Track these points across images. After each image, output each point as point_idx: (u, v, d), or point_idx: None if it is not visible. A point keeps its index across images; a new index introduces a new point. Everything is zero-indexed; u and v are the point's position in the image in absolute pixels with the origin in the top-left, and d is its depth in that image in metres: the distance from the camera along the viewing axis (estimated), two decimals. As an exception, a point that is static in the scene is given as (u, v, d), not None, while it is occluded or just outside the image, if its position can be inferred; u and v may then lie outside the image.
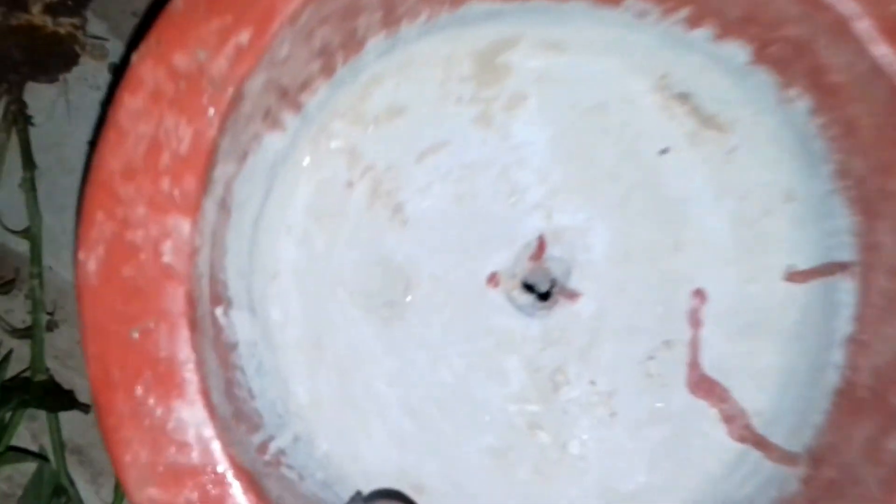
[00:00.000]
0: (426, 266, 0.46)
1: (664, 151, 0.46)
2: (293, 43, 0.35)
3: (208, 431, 0.31)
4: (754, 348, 0.46)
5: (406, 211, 0.46)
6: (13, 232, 0.57)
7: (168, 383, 0.31)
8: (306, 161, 0.45)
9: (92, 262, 0.31)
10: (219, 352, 0.36)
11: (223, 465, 0.31)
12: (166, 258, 0.31)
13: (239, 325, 0.40)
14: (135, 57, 0.32)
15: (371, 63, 0.44)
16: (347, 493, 0.42)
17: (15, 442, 0.57)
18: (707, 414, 0.46)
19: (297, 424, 0.43)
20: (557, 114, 0.47)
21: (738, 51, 0.42)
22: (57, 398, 0.56)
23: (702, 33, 0.42)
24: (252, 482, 0.32)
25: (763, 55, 0.42)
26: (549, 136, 0.47)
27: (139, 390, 0.31)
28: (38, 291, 0.57)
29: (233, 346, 0.39)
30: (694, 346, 0.46)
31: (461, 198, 0.47)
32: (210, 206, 0.34)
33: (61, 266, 0.59)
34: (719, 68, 0.44)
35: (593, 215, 0.47)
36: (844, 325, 0.43)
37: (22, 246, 0.58)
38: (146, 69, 0.31)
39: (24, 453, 0.57)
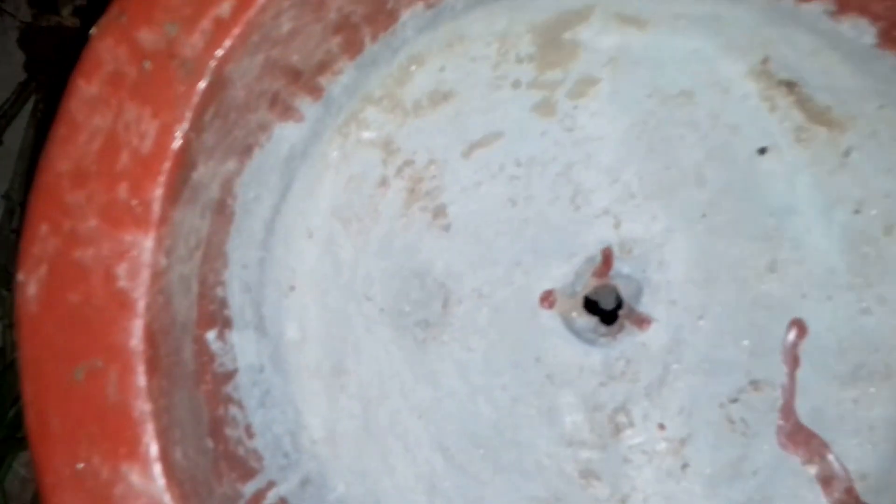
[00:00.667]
0: (469, 280, 0.41)
1: (762, 151, 0.40)
2: (297, 15, 0.29)
3: (163, 499, 0.25)
4: (864, 396, 0.39)
5: (449, 214, 0.41)
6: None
7: (116, 439, 0.25)
8: (333, 155, 0.39)
9: (32, 285, 0.25)
10: (204, 386, 0.31)
11: (183, 543, 0.25)
12: (121, 283, 0.25)
13: (240, 348, 0.35)
14: (93, 32, 0.26)
15: (410, 40, 0.38)
16: (364, 546, 0.37)
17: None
18: (800, 473, 0.39)
19: (308, 464, 0.37)
20: (633, 103, 0.40)
21: (860, 30, 0.35)
22: None
23: (815, 7, 0.35)
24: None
25: (892, 37, 0.35)
26: (623, 130, 0.41)
27: (82, 445, 0.25)
28: None
29: (228, 377, 0.33)
30: (789, 389, 0.40)
31: (514, 201, 0.41)
32: (190, 215, 0.28)
33: None
34: (836, 52, 0.37)
35: (672, 226, 0.41)
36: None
37: None
38: (105, 48, 0.26)
39: None
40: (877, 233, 0.38)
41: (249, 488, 0.32)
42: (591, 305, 0.42)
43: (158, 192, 0.26)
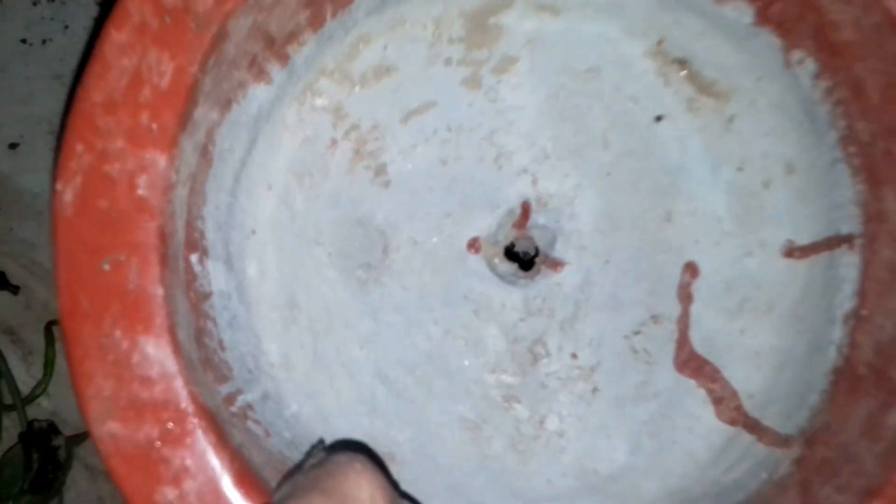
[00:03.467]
0: (406, 229, 0.51)
1: (659, 119, 0.50)
2: (278, -14, 0.39)
3: (172, 368, 0.35)
4: (748, 326, 0.49)
5: (389, 172, 0.50)
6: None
7: (135, 317, 0.35)
8: (291, 117, 0.48)
9: (69, 193, 0.35)
10: (191, 298, 0.40)
11: (185, 403, 0.35)
12: (141, 191, 0.35)
13: (214, 275, 0.44)
14: (122, -9, 0.36)
15: (360, 20, 0.48)
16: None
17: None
18: (695, 394, 0.49)
19: (267, 383, 0.46)
20: (548, 78, 0.51)
21: (739, 12, 0.45)
22: None
23: (702, -6, 0.46)
24: (213, 423, 0.36)
25: (766, 16, 0.45)
26: (539, 101, 0.51)
27: (107, 322, 0.35)
28: None
29: (206, 296, 0.43)
30: (683, 322, 0.50)
31: (445, 161, 0.51)
32: (188, 147, 0.38)
33: None
34: (720, 32, 0.47)
35: (581, 183, 0.51)
36: (846, 301, 0.46)
37: None
38: (133, 4, 0.36)
39: None
40: (757, 187, 0.49)
41: (224, 389, 0.41)
42: (511, 254, 0.52)
43: (172, 120, 0.36)
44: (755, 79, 0.48)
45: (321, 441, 0.45)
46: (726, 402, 0.49)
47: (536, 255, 0.51)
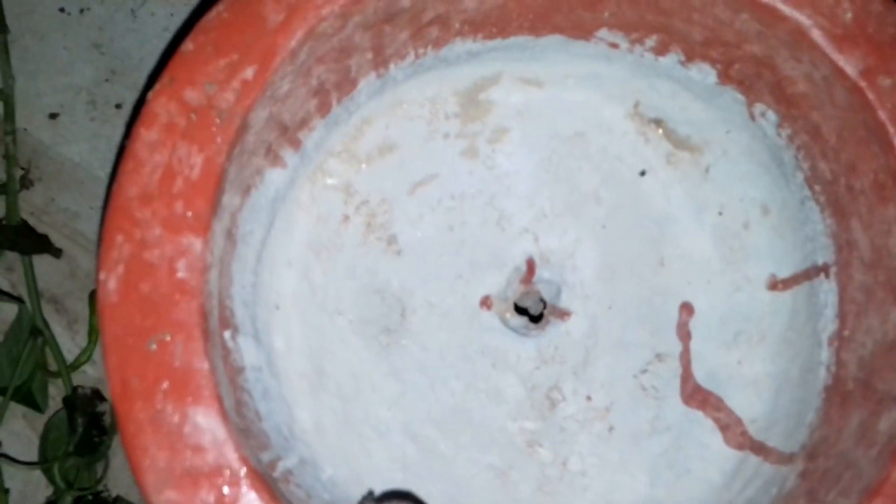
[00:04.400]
0: (421, 292, 0.50)
1: (643, 173, 0.51)
2: (293, 80, 0.39)
3: (222, 434, 0.35)
4: (745, 357, 0.49)
5: (400, 241, 0.50)
6: (-13, 93, 0.63)
7: (184, 390, 0.34)
8: (305, 197, 0.49)
9: (112, 281, 0.35)
10: (228, 372, 0.40)
11: (237, 466, 0.35)
12: (180, 274, 0.35)
13: (245, 350, 0.44)
14: (150, 95, 0.36)
15: (363, 104, 0.49)
16: (355, 514, 0.46)
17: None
18: (704, 424, 0.49)
19: (302, 449, 0.46)
20: (539, 144, 0.51)
21: (704, 73, 0.47)
22: (30, 241, 0.63)
23: (670, 59, 0.47)
24: (265, 485, 0.35)
25: (728, 75, 0.46)
26: (533, 165, 0.51)
27: (157, 398, 0.34)
28: (11, 147, 0.63)
29: (240, 370, 0.42)
30: (685, 358, 0.50)
31: (452, 226, 0.51)
32: (219, 230, 0.38)
33: (35, 128, 0.65)
34: (689, 92, 0.48)
35: (579, 237, 0.51)
36: (829, 324, 0.46)
37: None
38: (160, 105, 0.36)
39: None
40: (738, 228, 0.49)
41: (265, 457, 0.41)
42: (521, 308, 0.53)
43: (205, 207, 0.36)
44: (725, 131, 0.49)
45: (371, 492, 0.44)
46: (732, 429, 0.49)
47: (545, 307, 0.52)
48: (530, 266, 0.51)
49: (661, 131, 0.50)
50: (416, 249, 0.50)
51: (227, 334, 0.41)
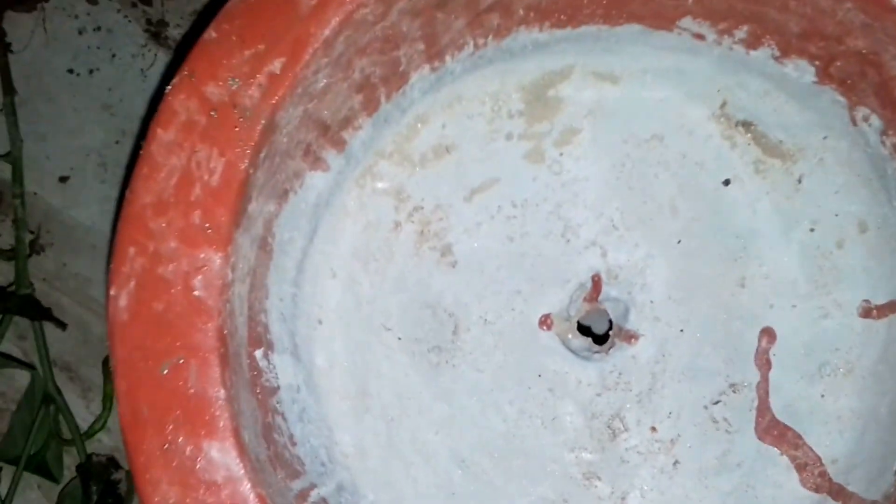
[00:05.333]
0: (476, 309, 0.46)
1: (727, 182, 0.46)
2: (330, 73, 0.35)
3: (238, 471, 0.31)
4: (829, 390, 0.44)
5: (455, 252, 0.46)
6: (-5, 156, 0.63)
7: (197, 421, 0.31)
8: (352, 203, 0.45)
9: (123, 298, 0.31)
10: (257, 394, 0.36)
11: (253, 506, 0.31)
12: (197, 292, 0.32)
13: (281, 369, 0.40)
14: (168, 89, 0.33)
15: (417, 100, 0.45)
16: (394, 547, 0.42)
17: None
18: (778, 462, 0.44)
19: (342, 474, 0.42)
20: (611, 147, 0.47)
21: (801, 71, 0.42)
22: (37, 309, 0.62)
23: (762, 53, 0.42)
24: (284, 526, 0.32)
25: (828, 73, 0.41)
26: (604, 171, 0.47)
27: (169, 428, 0.31)
28: (20, 211, 0.62)
29: (273, 391, 0.39)
30: (763, 388, 0.45)
31: (512, 237, 0.47)
32: (245, 242, 0.34)
33: (46, 192, 0.65)
34: (782, 92, 0.44)
35: (652, 252, 0.46)
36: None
37: (5, 173, 0.63)
38: (178, 101, 0.32)
39: (10, 360, 0.63)
40: (830, 247, 0.45)
41: (296, 486, 0.37)
42: (584, 329, 0.48)
43: (225, 218, 0.32)
44: (822, 137, 0.44)
45: None
46: (810, 469, 0.44)
47: (610, 328, 0.47)
48: (596, 283, 0.46)
49: (749, 135, 0.45)
50: (471, 261, 0.46)
51: (258, 353, 0.38)
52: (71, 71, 0.65)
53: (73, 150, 0.65)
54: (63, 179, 0.65)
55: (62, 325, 0.63)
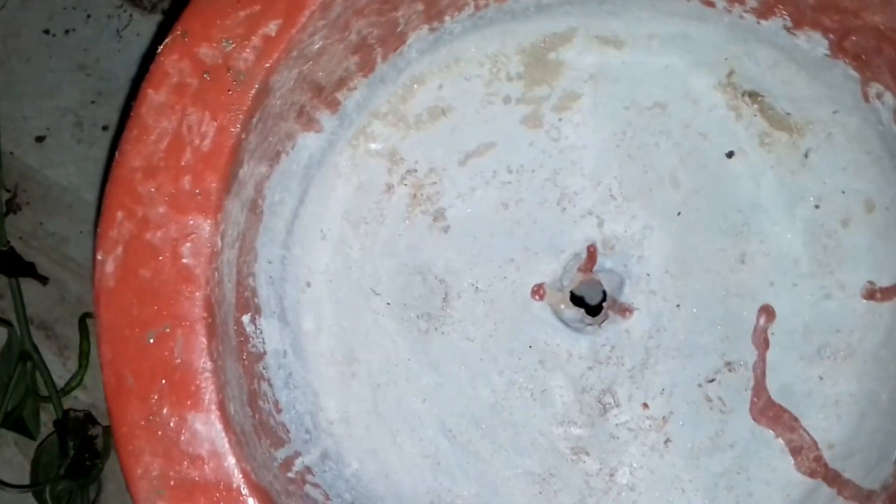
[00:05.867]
0: (467, 276, 0.47)
1: (730, 154, 0.46)
2: (327, 35, 0.35)
3: (223, 445, 0.31)
4: (828, 373, 0.45)
5: (448, 217, 0.46)
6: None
7: (183, 392, 0.31)
8: (344, 164, 0.45)
9: (110, 263, 0.32)
10: (243, 361, 0.37)
11: (237, 482, 0.31)
12: (185, 260, 0.32)
13: (268, 333, 0.41)
14: (160, 49, 0.32)
15: (414, 61, 0.45)
16: (378, 517, 0.43)
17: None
18: (773, 444, 0.45)
19: (326, 441, 0.43)
20: (612, 114, 0.47)
21: (814, 43, 0.42)
22: (16, 265, 0.63)
23: (774, 24, 0.42)
24: (267, 500, 0.32)
25: (842, 47, 0.41)
26: (604, 139, 0.47)
27: (153, 399, 0.31)
28: None
29: (259, 356, 0.39)
30: (760, 368, 0.45)
31: (506, 204, 0.47)
32: (235, 207, 0.34)
33: (22, 152, 0.66)
34: (793, 63, 0.43)
35: (650, 224, 0.46)
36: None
37: None
38: (171, 62, 0.32)
39: None
40: (835, 225, 0.45)
41: (280, 454, 0.38)
42: (577, 300, 0.48)
43: (216, 184, 0.32)
44: (831, 111, 0.44)
45: None
46: (805, 453, 0.45)
47: (604, 300, 0.47)
48: (591, 254, 0.46)
49: (756, 106, 0.45)
50: (464, 227, 0.47)
51: (245, 318, 0.38)
52: (47, 31, 0.66)
53: (50, 110, 0.66)
54: (39, 139, 0.66)
55: (43, 280, 0.64)
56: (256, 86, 0.32)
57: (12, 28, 0.66)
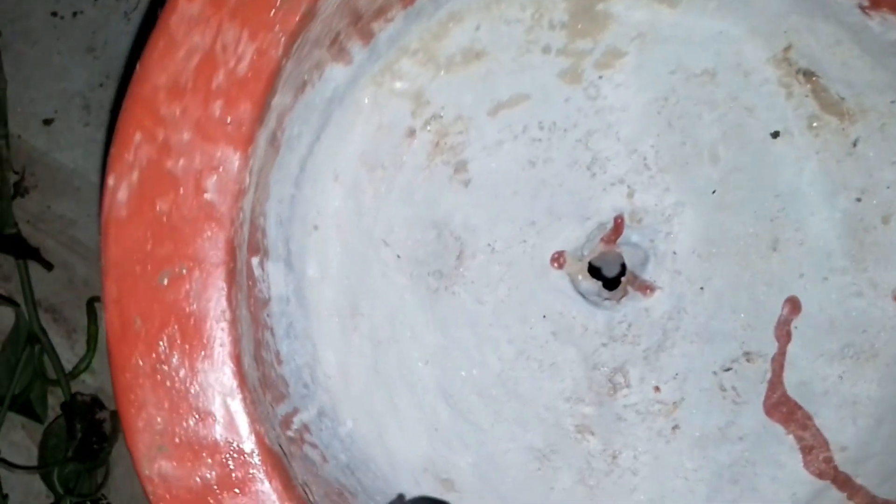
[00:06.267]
0: (485, 235, 0.44)
1: (776, 134, 0.44)
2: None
3: (236, 402, 0.29)
4: (848, 373, 0.43)
5: (470, 170, 0.44)
6: (-22, 98, 0.63)
7: (195, 340, 0.29)
8: (366, 101, 0.42)
9: (123, 190, 0.28)
10: (251, 307, 0.34)
11: (249, 444, 0.29)
12: (209, 195, 0.29)
13: (273, 278, 0.38)
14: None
15: (454, -5, 0.41)
16: (369, 481, 0.40)
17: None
18: (783, 440, 0.44)
19: (323, 397, 0.41)
20: (656, 77, 0.44)
21: (888, 26, 0.39)
22: (21, 249, 0.64)
23: (848, 0, 0.39)
24: (278, 465, 0.30)
25: None
26: (644, 103, 0.44)
27: (162, 345, 0.28)
28: (4, 152, 0.64)
29: (265, 303, 0.37)
30: (778, 361, 0.44)
31: (534, 162, 0.44)
32: (262, 140, 0.31)
33: (30, 135, 0.66)
34: (857, 45, 0.41)
35: (683, 199, 0.44)
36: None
37: None
38: (208, -31, 0.29)
39: None
40: (875, 221, 0.43)
41: (281, 410, 0.35)
42: (594, 270, 0.46)
43: (249, 113, 0.29)
44: (889, 101, 0.42)
45: (401, 496, 0.39)
46: (816, 453, 0.43)
47: (621, 274, 0.45)
48: (618, 225, 0.44)
49: (809, 86, 0.43)
50: (487, 182, 0.44)
51: (255, 261, 0.35)
52: (55, 14, 0.65)
53: (58, 92, 0.65)
54: (47, 122, 0.65)
55: (48, 266, 0.64)
56: (304, 6, 0.29)
57: (20, 10, 0.65)
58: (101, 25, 0.65)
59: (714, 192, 0.44)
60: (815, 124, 0.43)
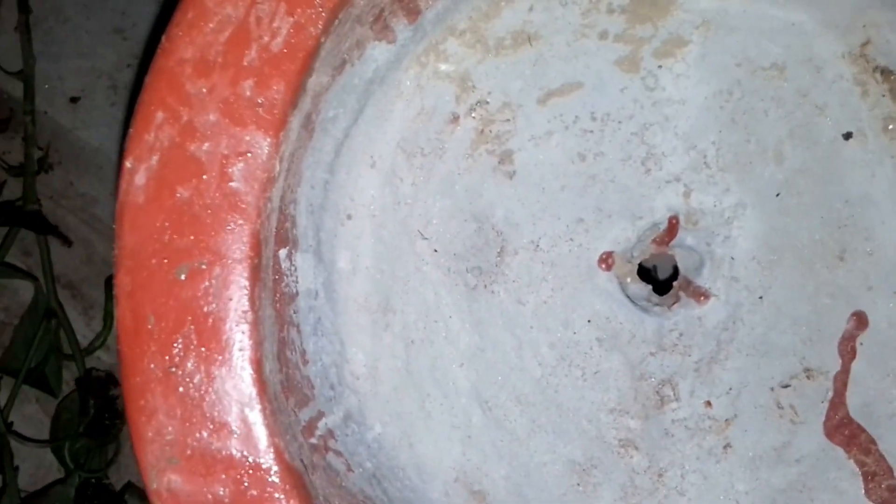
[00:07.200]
0: (528, 231, 0.41)
1: (848, 136, 0.41)
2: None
3: (255, 413, 0.26)
4: (917, 396, 0.40)
5: (515, 161, 0.41)
6: (8, 73, 0.65)
7: (213, 344, 0.26)
8: (408, 82, 0.39)
9: (141, 174, 0.26)
10: (276, 305, 0.31)
11: (267, 459, 0.26)
12: (235, 183, 0.26)
13: (302, 271, 0.35)
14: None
15: (506, -28, 0.38)
16: (396, 491, 0.38)
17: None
18: (844, 465, 0.41)
19: (350, 399, 0.38)
20: (721, 69, 0.41)
21: None
22: (43, 224, 0.64)
23: (936, -4, 0.36)
24: (298, 483, 0.27)
25: None
26: (706, 96, 0.41)
27: (177, 347, 0.26)
28: (30, 128, 0.64)
29: (292, 298, 0.34)
30: (841, 380, 0.41)
31: (584, 155, 0.41)
32: (295, 124, 0.28)
33: (56, 112, 0.66)
34: None
35: (744, 201, 0.41)
36: None
37: (18, 91, 0.65)
38: (244, -67, 0.26)
39: (14, 270, 0.65)
40: None
41: (304, 415, 0.33)
42: (644, 273, 0.43)
43: (283, 94, 0.26)
44: None
45: None
46: (879, 480, 0.41)
47: (674, 278, 0.42)
48: (672, 226, 0.41)
49: (886, 86, 0.40)
50: (533, 175, 0.41)
51: (282, 253, 0.33)
52: None
53: (85, 71, 0.66)
54: (74, 100, 0.66)
55: (68, 242, 0.65)
56: (348, -21, 0.26)
57: (50, -15, 0.65)
58: (131, 6, 0.65)
59: (778, 194, 0.41)
60: (891, 126, 0.40)
